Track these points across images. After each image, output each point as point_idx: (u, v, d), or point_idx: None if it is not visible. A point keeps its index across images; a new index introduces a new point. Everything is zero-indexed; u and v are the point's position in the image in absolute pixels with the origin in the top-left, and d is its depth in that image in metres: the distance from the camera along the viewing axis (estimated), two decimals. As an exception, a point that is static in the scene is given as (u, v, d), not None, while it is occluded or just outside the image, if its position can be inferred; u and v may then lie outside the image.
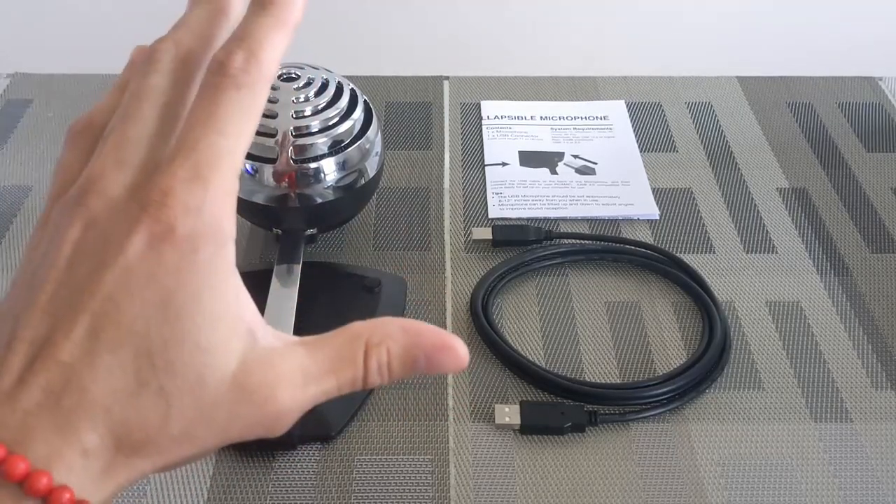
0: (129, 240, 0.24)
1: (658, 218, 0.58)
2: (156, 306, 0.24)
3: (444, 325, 0.50)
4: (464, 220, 0.57)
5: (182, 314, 0.24)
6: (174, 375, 0.24)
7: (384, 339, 0.28)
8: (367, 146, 0.50)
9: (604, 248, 0.55)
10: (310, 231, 0.50)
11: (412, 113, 0.67)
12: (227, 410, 0.25)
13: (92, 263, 0.24)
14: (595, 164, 0.62)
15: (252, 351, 0.26)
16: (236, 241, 0.26)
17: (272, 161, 0.47)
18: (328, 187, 0.48)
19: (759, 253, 0.55)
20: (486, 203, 0.59)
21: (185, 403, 0.24)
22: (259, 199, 0.48)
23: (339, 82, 0.50)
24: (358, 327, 0.28)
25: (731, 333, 0.49)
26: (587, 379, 0.47)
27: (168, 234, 0.24)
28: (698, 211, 0.58)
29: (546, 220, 0.57)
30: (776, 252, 0.55)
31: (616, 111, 0.68)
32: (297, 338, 0.27)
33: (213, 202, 0.25)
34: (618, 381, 0.47)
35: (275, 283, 0.47)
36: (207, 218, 0.24)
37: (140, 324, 0.24)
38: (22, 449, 0.23)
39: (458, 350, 0.28)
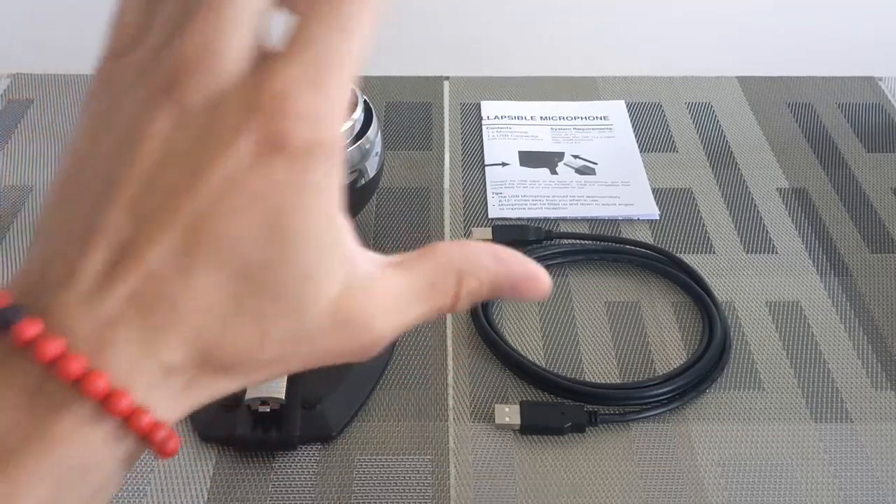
0: (234, 146, 0.21)
1: (658, 218, 0.58)
2: (260, 227, 0.22)
3: (444, 326, 0.50)
4: (464, 220, 0.57)
5: (289, 238, 0.22)
6: (274, 300, 0.22)
7: (477, 269, 0.27)
8: (367, 146, 0.50)
9: (604, 248, 0.55)
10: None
11: (412, 113, 0.67)
12: (324, 337, 0.24)
13: (186, 167, 0.21)
14: (595, 164, 0.62)
15: (353, 278, 0.24)
16: None
17: None
18: (328, 187, 0.48)
19: (759, 253, 0.55)
20: (486, 203, 0.59)
21: (282, 329, 0.23)
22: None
23: (339, 82, 0.50)
24: (450, 253, 0.27)
25: (731, 333, 0.49)
26: (587, 379, 0.47)
27: (280, 145, 0.21)
28: (698, 211, 0.58)
29: (546, 220, 0.57)
30: (776, 252, 0.55)
31: (616, 111, 0.68)
32: (387, 258, 0.26)
33: (330, 113, 0.22)
34: (618, 381, 0.47)
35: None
36: (324, 131, 0.22)
37: (242, 243, 0.22)
38: (102, 363, 0.21)
39: (542, 280, 0.28)
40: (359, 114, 0.50)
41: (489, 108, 0.68)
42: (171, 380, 0.22)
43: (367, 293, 0.25)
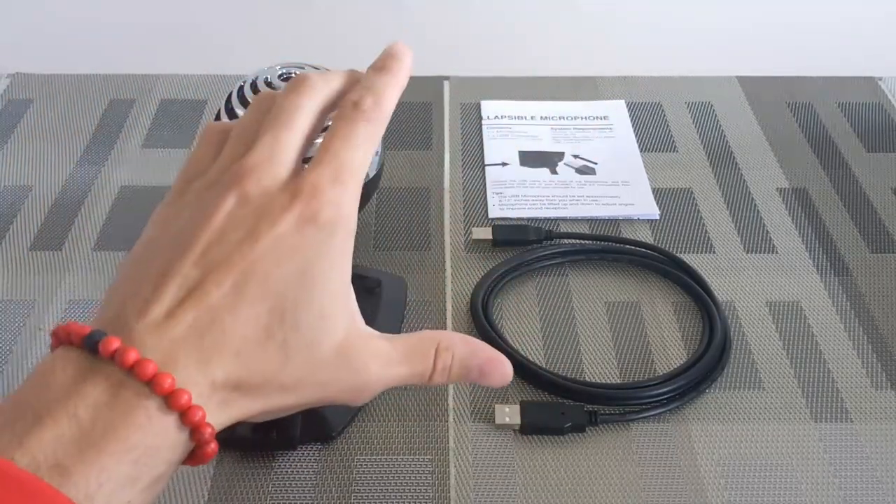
0: (281, 217, 0.29)
1: (658, 218, 0.58)
2: (296, 273, 0.29)
3: (444, 326, 0.50)
4: (464, 220, 0.57)
5: (315, 283, 0.29)
6: (297, 333, 0.29)
7: (451, 345, 0.33)
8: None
9: (604, 248, 0.55)
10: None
11: (412, 113, 0.67)
12: (330, 371, 0.30)
13: (244, 232, 0.29)
14: (595, 164, 0.62)
15: (353, 328, 0.31)
16: None
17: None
18: (328, 187, 0.48)
19: (759, 253, 0.55)
20: (486, 203, 0.59)
21: (300, 358, 0.29)
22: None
23: (339, 82, 0.50)
24: (429, 333, 0.34)
25: (731, 333, 0.49)
26: (587, 379, 0.47)
27: (314, 218, 0.30)
28: (698, 211, 0.58)
29: (546, 220, 0.57)
30: (776, 252, 0.55)
31: (616, 111, 0.68)
32: (378, 333, 0.33)
33: (349, 201, 0.31)
34: (618, 381, 0.47)
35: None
36: (344, 211, 0.30)
37: (280, 285, 0.29)
38: (167, 371, 0.27)
39: (505, 365, 0.34)
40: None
41: (489, 107, 0.68)
42: (215, 394, 0.28)
43: (363, 342, 0.32)
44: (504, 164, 0.62)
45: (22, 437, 0.25)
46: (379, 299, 0.49)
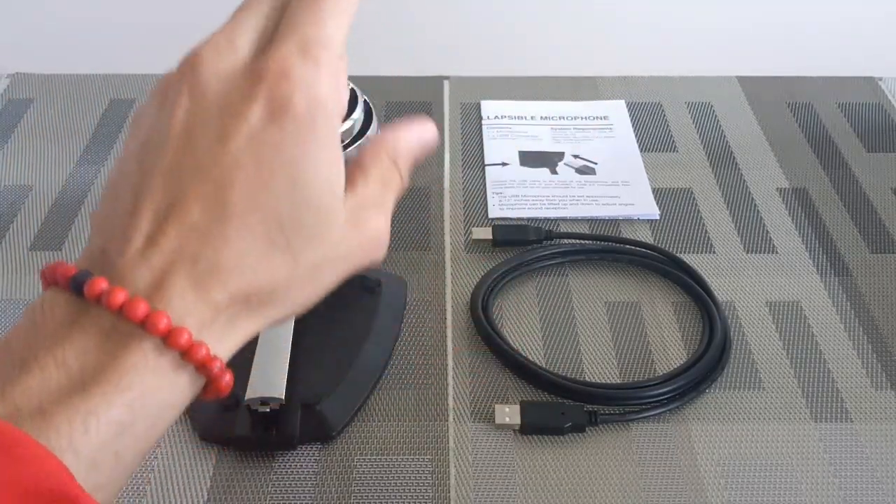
0: (248, 109, 0.26)
1: (658, 218, 0.58)
2: (283, 172, 0.26)
3: (444, 325, 0.50)
4: (464, 220, 0.57)
5: (308, 181, 0.27)
6: (301, 234, 0.27)
7: (398, 150, 0.32)
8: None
9: (604, 248, 0.55)
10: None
11: (412, 113, 0.67)
12: (345, 247, 0.29)
13: (212, 132, 0.26)
14: (595, 164, 0.62)
15: (351, 202, 0.29)
16: None
17: None
18: (328, 187, 0.48)
19: (759, 253, 0.55)
20: (486, 203, 0.59)
21: (310, 254, 0.27)
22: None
23: (339, 82, 0.50)
24: (377, 149, 0.32)
25: (731, 333, 0.49)
26: (587, 379, 0.47)
27: (287, 106, 0.26)
28: (698, 211, 0.58)
29: (546, 220, 0.57)
30: (776, 252, 0.55)
31: (616, 111, 0.68)
32: (346, 181, 0.30)
33: (324, 79, 0.27)
34: (618, 381, 0.47)
35: (275, 283, 0.47)
36: (323, 92, 0.27)
37: (268, 191, 0.26)
38: (161, 306, 0.25)
39: (427, 128, 0.33)
40: (359, 114, 0.50)
41: (489, 107, 0.68)
42: (220, 317, 0.26)
43: (360, 204, 0.30)
44: (504, 164, 0.62)
45: (4, 384, 0.24)
46: (379, 299, 0.49)
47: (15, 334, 0.26)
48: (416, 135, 0.33)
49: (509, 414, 0.44)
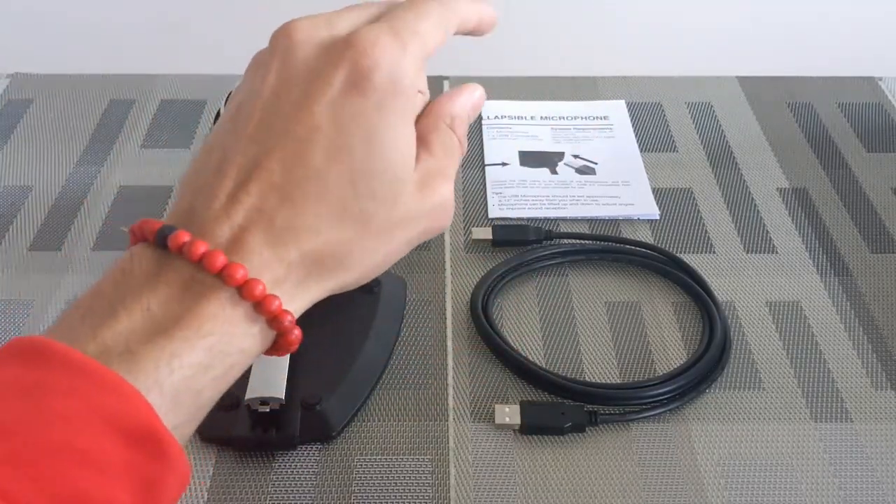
0: (333, 74, 0.28)
1: (658, 218, 0.58)
2: (362, 139, 0.28)
3: (444, 325, 0.50)
4: (464, 220, 0.57)
5: (385, 148, 0.28)
6: (375, 200, 0.28)
7: (454, 115, 0.32)
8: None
9: (604, 248, 0.55)
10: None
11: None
12: (414, 215, 0.30)
13: (298, 93, 0.28)
14: (595, 164, 0.62)
15: (422, 169, 0.30)
16: None
17: None
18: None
19: (759, 253, 0.55)
20: (486, 203, 0.59)
21: (380, 220, 0.29)
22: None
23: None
24: (434, 118, 0.32)
25: (731, 333, 0.49)
26: (587, 379, 0.47)
27: (371, 76, 0.28)
28: (698, 211, 0.58)
29: (546, 220, 0.57)
30: (776, 252, 0.55)
31: (616, 111, 0.68)
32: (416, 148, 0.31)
33: (409, 61, 0.29)
34: (618, 381, 0.47)
35: (275, 283, 0.47)
36: (405, 71, 0.29)
37: (346, 154, 0.28)
38: (238, 259, 0.26)
39: (475, 88, 0.35)
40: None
41: (489, 107, 0.68)
42: (292, 275, 0.28)
43: (428, 174, 0.31)
44: (504, 164, 0.62)
45: (96, 329, 0.25)
46: (379, 299, 0.49)
47: (105, 283, 0.27)
48: (468, 98, 0.34)
49: (509, 414, 0.44)
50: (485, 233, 0.55)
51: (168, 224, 0.27)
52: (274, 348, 0.29)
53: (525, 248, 0.54)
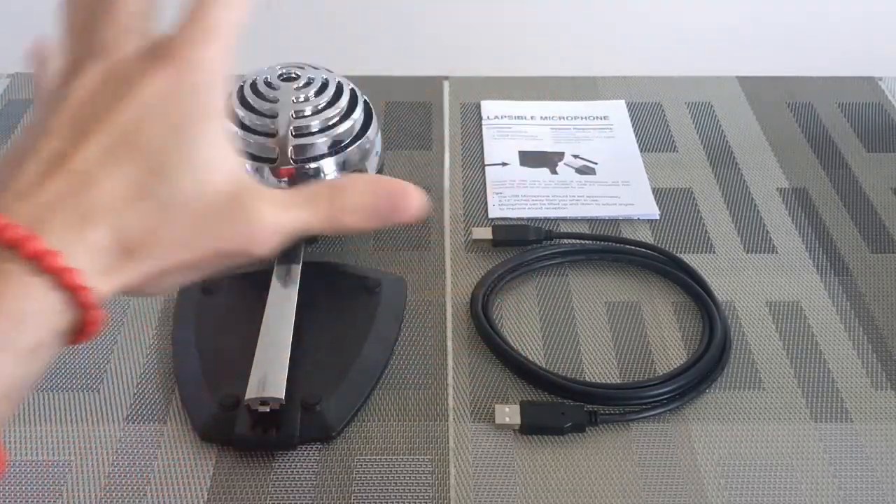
0: (146, 78, 0.29)
1: (658, 218, 0.58)
2: (167, 128, 0.29)
3: (444, 325, 0.50)
4: (464, 220, 0.57)
5: (191, 135, 0.29)
6: (175, 187, 0.28)
7: (352, 180, 0.32)
8: (367, 146, 0.50)
9: (604, 248, 0.55)
10: (310, 231, 0.50)
11: (412, 113, 0.67)
12: (217, 221, 0.29)
13: (110, 96, 0.29)
14: (595, 164, 0.62)
15: (242, 177, 0.30)
16: None
17: (272, 161, 0.47)
18: (328, 187, 0.48)
19: (759, 253, 0.55)
20: (486, 203, 0.59)
21: (182, 212, 0.29)
22: (259, 199, 0.48)
23: (339, 82, 0.50)
24: (330, 178, 0.32)
25: (731, 333, 0.49)
26: (587, 379, 0.47)
27: (182, 76, 0.29)
28: (698, 211, 0.58)
29: (546, 220, 0.57)
30: (776, 252, 0.55)
31: (616, 111, 0.68)
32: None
33: (217, 60, 0.30)
34: (618, 381, 0.47)
35: (275, 284, 0.47)
36: (213, 69, 0.30)
37: (152, 141, 0.28)
38: (38, 233, 0.26)
39: (413, 194, 0.32)
40: (359, 114, 0.50)
41: (489, 107, 0.68)
42: (95, 261, 0.27)
43: (254, 189, 0.30)
44: (504, 164, 0.62)
45: None
46: (379, 299, 0.49)
47: None
48: (394, 185, 0.32)
49: (509, 414, 0.44)
50: (485, 233, 0.55)
51: None
52: (78, 335, 0.28)
53: (525, 248, 0.54)
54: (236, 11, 0.31)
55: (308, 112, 0.47)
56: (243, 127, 0.48)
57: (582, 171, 0.62)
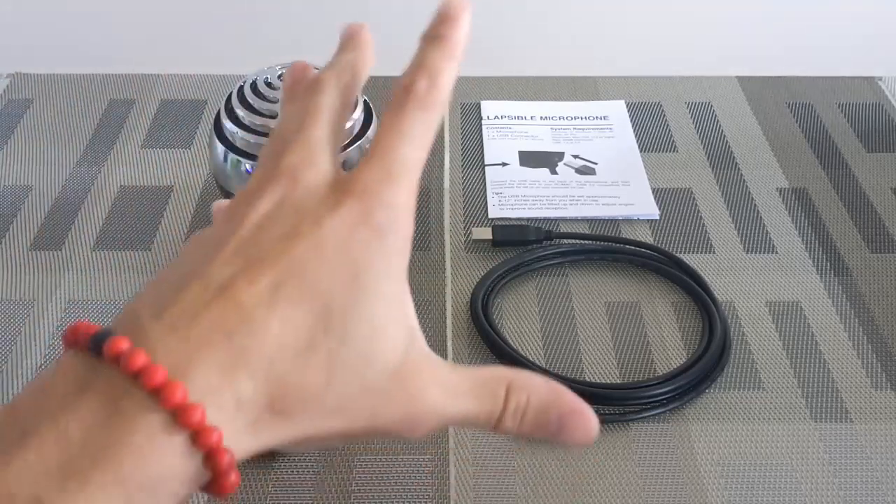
0: (328, 216, 0.26)
1: (658, 218, 0.58)
2: (343, 275, 0.25)
3: (444, 325, 0.50)
4: (464, 220, 0.57)
5: (368, 288, 0.26)
6: (345, 344, 0.25)
7: (527, 386, 0.29)
8: (368, 146, 0.50)
9: (604, 248, 0.55)
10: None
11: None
12: (382, 395, 0.26)
13: (285, 229, 0.26)
14: (595, 164, 0.62)
15: (412, 347, 0.27)
16: None
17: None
18: (328, 187, 0.48)
19: (759, 253, 0.55)
20: (486, 203, 0.59)
21: (347, 375, 0.25)
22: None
23: (339, 82, 0.50)
24: (503, 369, 0.29)
25: (731, 333, 0.49)
26: (587, 379, 0.47)
27: (366, 220, 0.26)
28: (698, 211, 0.58)
29: (546, 220, 0.57)
30: (776, 252, 0.55)
31: (616, 111, 0.68)
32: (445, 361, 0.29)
33: (403, 201, 0.27)
34: (618, 381, 0.47)
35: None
36: (398, 213, 0.27)
37: (325, 287, 0.25)
38: (182, 378, 0.23)
39: (590, 419, 0.29)
40: (359, 114, 0.50)
41: (489, 107, 0.68)
42: (241, 414, 0.24)
43: (424, 364, 0.27)
44: (504, 164, 0.62)
45: (2, 457, 0.22)
46: (379, 299, 0.49)
47: (24, 397, 0.23)
48: (569, 399, 0.29)
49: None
50: (485, 233, 0.55)
51: (107, 328, 0.24)
52: (207, 489, 0.24)
53: (525, 248, 0.54)
54: (420, 151, 0.28)
55: (308, 112, 0.47)
56: (243, 127, 0.48)
57: (582, 171, 0.62)
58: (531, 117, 0.67)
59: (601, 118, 0.67)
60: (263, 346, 0.24)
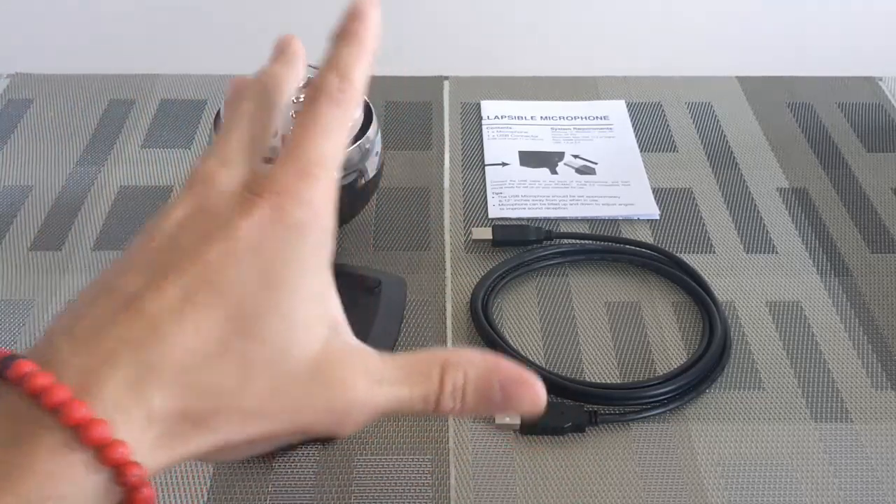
0: (240, 218, 0.26)
1: (658, 218, 0.58)
2: (256, 275, 0.25)
3: (444, 326, 0.50)
4: (464, 220, 0.57)
5: (279, 287, 0.25)
6: (259, 343, 0.25)
7: (462, 363, 0.28)
8: (367, 146, 0.50)
9: (604, 248, 0.55)
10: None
11: (412, 113, 0.67)
12: (302, 390, 0.25)
13: (196, 236, 0.25)
14: (595, 164, 0.62)
15: (334, 339, 0.27)
16: None
17: (271, 161, 0.47)
18: (328, 187, 0.48)
19: (759, 253, 0.55)
20: (486, 203, 0.59)
21: (263, 375, 0.24)
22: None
23: (339, 82, 0.50)
24: (438, 350, 0.28)
25: (731, 333, 0.49)
26: (587, 379, 0.47)
27: (280, 218, 0.26)
28: (698, 211, 0.58)
29: (546, 220, 0.57)
30: (776, 252, 0.55)
31: (616, 111, 0.68)
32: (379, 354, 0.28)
33: (321, 197, 0.27)
34: (618, 381, 0.47)
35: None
36: (316, 210, 0.27)
37: (237, 289, 0.25)
38: (87, 396, 0.22)
39: (535, 386, 0.28)
40: (358, 113, 0.50)
41: (489, 107, 0.68)
42: (154, 427, 0.23)
43: (347, 355, 0.27)
44: (504, 164, 0.62)
45: None
46: (379, 299, 0.49)
47: None
48: (509, 370, 0.28)
49: (509, 414, 0.44)
50: (485, 233, 0.55)
51: (16, 353, 0.23)
52: None
53: (525, 248, 0.54)
54: (335, 146, 0.28)
55: (308, 112, 0.47)
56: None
57: (582, 171, 0.62)
58: (531, 117, 0.67)
59: (601, 118, 0.67)
60: (173, 355, 0.23)
